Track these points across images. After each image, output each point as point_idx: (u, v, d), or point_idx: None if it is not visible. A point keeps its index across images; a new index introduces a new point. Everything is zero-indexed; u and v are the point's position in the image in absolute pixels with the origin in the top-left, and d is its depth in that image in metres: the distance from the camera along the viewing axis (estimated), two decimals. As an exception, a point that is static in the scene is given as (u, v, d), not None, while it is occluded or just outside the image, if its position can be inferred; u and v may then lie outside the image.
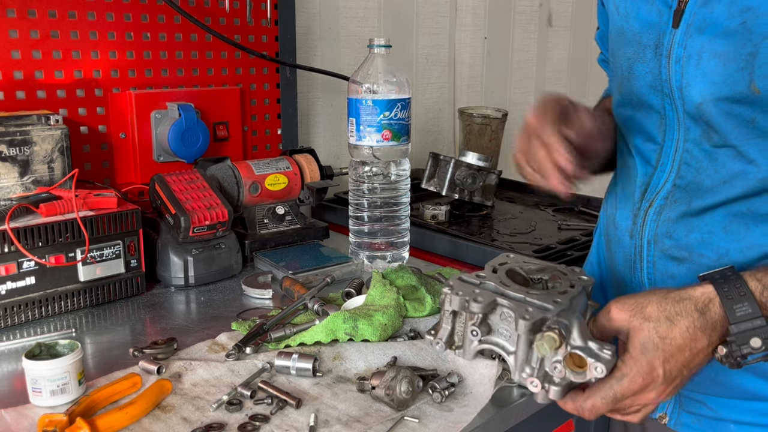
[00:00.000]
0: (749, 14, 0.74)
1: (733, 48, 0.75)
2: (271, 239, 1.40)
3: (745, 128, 0.77)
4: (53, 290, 1.08)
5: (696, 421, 0.89)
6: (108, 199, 1.13)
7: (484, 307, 0.77)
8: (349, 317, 0.98)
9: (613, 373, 0.73)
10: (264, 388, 0.86)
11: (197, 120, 1.42)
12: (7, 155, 1.12)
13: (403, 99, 1.27)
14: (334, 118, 1.87)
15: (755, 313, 0.71)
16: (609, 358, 0.72)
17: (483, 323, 0.79)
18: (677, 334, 0.72)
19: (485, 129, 1.94)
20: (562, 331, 0.73)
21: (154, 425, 0.79)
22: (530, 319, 0.74)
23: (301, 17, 1.71)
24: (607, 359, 0.72)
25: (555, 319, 0.74)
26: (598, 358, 0.72)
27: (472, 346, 0.80)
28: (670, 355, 0.72)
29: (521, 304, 0.76)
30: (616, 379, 0.73)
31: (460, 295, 0.79)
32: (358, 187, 1.33)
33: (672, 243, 0.86)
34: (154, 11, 1.41)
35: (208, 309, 1.15)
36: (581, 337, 0.74)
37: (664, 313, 0.73)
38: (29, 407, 0.82)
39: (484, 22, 2.27)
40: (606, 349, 0.73)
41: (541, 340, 0.73)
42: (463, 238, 1.42)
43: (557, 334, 0.73)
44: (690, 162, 0.83)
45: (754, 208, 0.80)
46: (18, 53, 1.26)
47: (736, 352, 0.71)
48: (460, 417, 0.82)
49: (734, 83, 0.76)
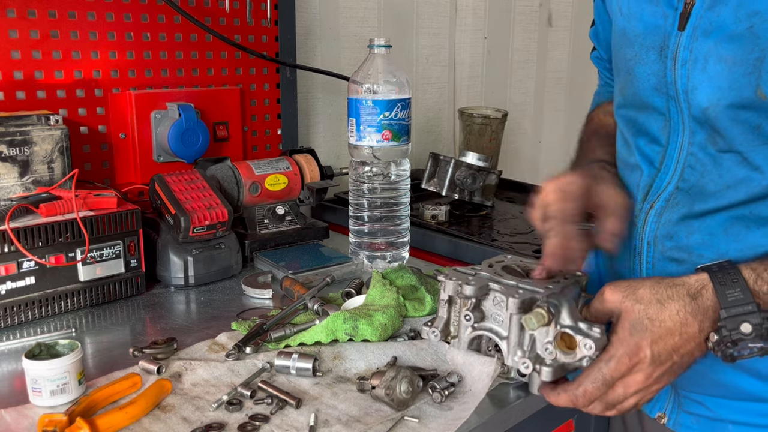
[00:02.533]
0: (757, 19, 0.73)
1: (740, 52, 0.75)
2: (271, 239, 1.40)
3: (750, 134, 0.77)
4: (53, 290, 1.08)
5: (695, 422, 0.89)
6: (108, 199, 1.13)
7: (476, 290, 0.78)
8: (349, 317, 0.98)
9: (602, 356, 0.74)
10: (264, 388, 0.86)
11: (197, 120, 1.42)
12: (7, 155, 1.12)
13: (403, 99, 1.27)
14: (334, 118, 1.87)
15: (747, 299, 0.71)
16: (598, 336, 0.73)
17: (476, 309, 0.80)
18: (666, 316, 0.73)
19: (485, 129, 1.94)
20: (551, 309, 0.74)
21: (154, 425, 0.79)
22: (519, 297, 0.75)
23: (301, 17, 1.71)
24: (596, 337, 0.73)
25: (545, 299, 0.76)
26: (587, 335, 0.73)
27: (466, 333, 0.82)
28: (658, 337, 0.72)
29: (512, 287, 0.78)
30: (604, 361, 0.74)
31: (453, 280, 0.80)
32: (358, 187, 1.33)
33: (672, 244, 0.86)
34: (154, 11, 1.41)
35: (208, 309, 1.15)
36: (571, 317, 0.75)
37: (655, 296, 0.74)
38: (29, 407, 0.82)
39: (484, 22, 2.27)
40: (595, 327, 0.74)
41: (529, 315, 0.74)
42: (463, 238, 1.42)
43: (545, 311, 0.74)
44: (694, 165, 0.83)
45: (756, 212, 0.79)
46: (18, 53, 1.26)
47: (726, 338, 0.71)
48: (459, 414, 0.82)
49: (740, 88, 0.75)
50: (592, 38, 1.13)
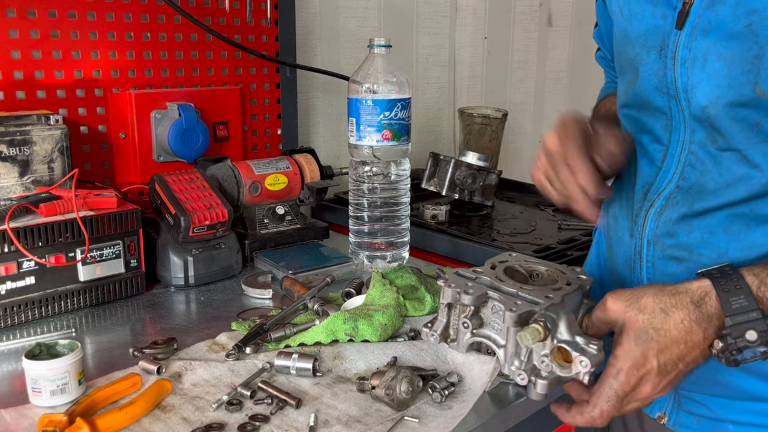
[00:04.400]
0: (755, 17, 0.73)
1: (738, 50, 0.75)
2: (271, 239, 1.40)
3: (749, 132, 0.77)
4: (53, 290, 1.08)
5: (695, 422, 0.89)
6: (108, 199, 1.13)
7: (474, 299, 0.78)
8: (350, 317, 0.98)
9: (609, 371, 0.73)
10: (264, 388, 0.86)
11: (197, 120, 1.42)
12: (7, 155, 1.12)
13: (403, 99, 1.27)
14: (334, 118, 1.87)
15: (751, 306, 0.71)
16: (595, 352, 0.72)
17: (475, 316, 0.80)
18: (671, 325, 0.72)
19: (485, 129, 1.94)
20: (548, 324, 0.73)
21: (154, 425, 0.79)
22: (517, 311, 0.75)
23: (301, 17, 1.71)
24: (592, 354, 0.72)
25: (543, 312, 0.75)
26: (583, 352, 0.73)
27: (464, 339, 0.81)
28: (664, 347, 0.72)
29: (511, 298, 0.77)
30: (613, 376, 0.73)
31: (452, 287, 0.80)
32: (358, 187, 1.33)
33: (672, 242, 0.86)
34: (154, 11, 1.41)
35: (208, 309, 1.15)
36: (568, 331, 0.74)
37: (659, 305, 0.73)
38: (29, 407, 0.82)
39: (484, 22, 2.27)
40: (592, 343, 0.73)
41: (524, 331, 0.73)
42: (463, 238, 1.42)
43: (542, 327, 0.73)
44: (694, 164, 0.83)
45: (756, 210, 0.80)
46: (18, 53, 1.26)
47: (732, 346, 0.71)
48: (458, 412, 0.82)
49: (739, 86, 0.75)
50: (596, 39, 1.13)
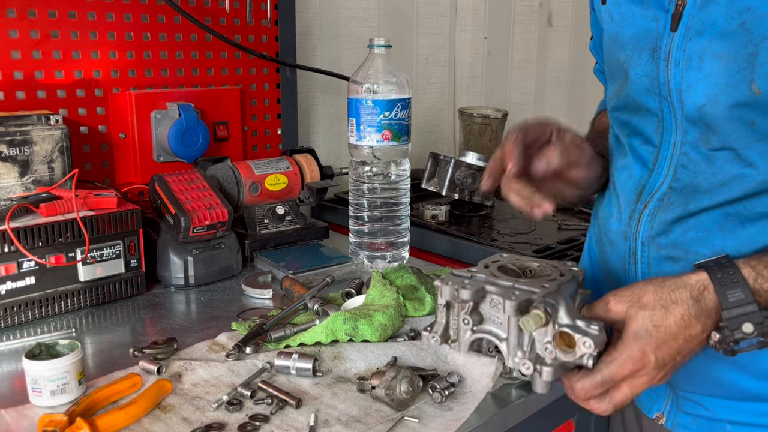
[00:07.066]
0: (748, 15, 0.74)
1: (733, 49, 0.76)
2: (271, 239, 1.40)
3: (744, 131, 0.77)
4: (53, 290, 1.08)
5: (693, 422, 0.89)
6: (108, 199, 1.13)
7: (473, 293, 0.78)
8: (350, 318, 0.98)
9: (603, 358, 0.74)
10: (264, 388, 0.86)
11: (197, 120, 1.42)
12: (7, 155, 1.12)
13: (403, 99, 1.27)
14: (334, 118, 1.87)
15: (747, 299, 0.72)
16: (596, 333, 0.74)
17: (474, 312, 0.80)
18: (672, 322, 0.73)
19: (485, 129, 1.94)
20: (548, 310, 0.75)
21: (154, 425, 0.79)
22: (516, 299, 0.75)
23: (301, 17, 1.71)
24: (594, 334, 0.73)
25: (541, 299, 0.76)
26: (585, 333, 0.74)
27: (465, 337, 0.82)
28: (663, 342, 0.73)
29: (509, 289, 0.78)
30: (605, 363, 0.74)
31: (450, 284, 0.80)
32: (358, 187, 1.33)
33: (667, 242, 0.86)
34: (154, 11, 1.41)
35: (208, 309, 1.15)
36: (568, 315, 0.75)
37: (660, 302, 0.74)
38: (29, 407, 0.82)
39: (484, 22, 2.27)
40: (593, 325, 0.74)
41: (526, 317, 0.74)
42: (463, 238, 1.42)
43: (543, 311, 0.75)
44: (687, 165, 0.83)
45: (750, 208, 0.80)
46: (18, 53, 1.26)
47: (728, 338, 0.72)
48: (459, 414, 0.82)
49: (736, 84, 0.76)
50: (593, 52, 1.14)
